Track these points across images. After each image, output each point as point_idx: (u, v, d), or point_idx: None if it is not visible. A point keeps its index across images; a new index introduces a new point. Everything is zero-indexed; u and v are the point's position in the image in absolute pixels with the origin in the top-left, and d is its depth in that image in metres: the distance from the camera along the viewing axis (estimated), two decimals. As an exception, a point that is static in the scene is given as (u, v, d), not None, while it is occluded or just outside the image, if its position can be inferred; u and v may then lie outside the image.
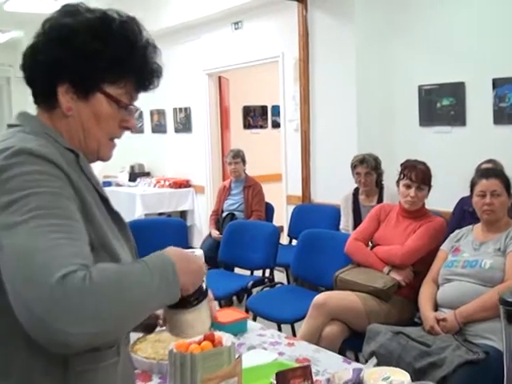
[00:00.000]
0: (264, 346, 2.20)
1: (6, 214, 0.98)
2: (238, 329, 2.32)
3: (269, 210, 5.66)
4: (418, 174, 3.33)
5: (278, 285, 4.30)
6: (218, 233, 5.35)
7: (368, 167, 4.46)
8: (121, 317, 0.99)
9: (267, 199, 5.85)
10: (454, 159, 4.67)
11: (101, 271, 0.96)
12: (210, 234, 5.59)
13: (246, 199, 5.56)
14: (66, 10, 1.19)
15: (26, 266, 0.93)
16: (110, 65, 1.16)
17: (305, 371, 1.61)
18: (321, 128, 5.60)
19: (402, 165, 3.47)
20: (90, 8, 1.20)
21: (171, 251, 1.12)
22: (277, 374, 1.57)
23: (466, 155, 4.55)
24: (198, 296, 1.26)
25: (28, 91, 1.25)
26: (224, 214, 5.57)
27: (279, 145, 6.24)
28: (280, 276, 5.19)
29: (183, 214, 7.66)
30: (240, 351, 2.17)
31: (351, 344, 3.13)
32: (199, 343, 1.90)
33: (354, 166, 4.55)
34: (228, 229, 4.72)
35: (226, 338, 1.98)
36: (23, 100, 1.35)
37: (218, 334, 1.99)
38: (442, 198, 4.12)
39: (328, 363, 2.01)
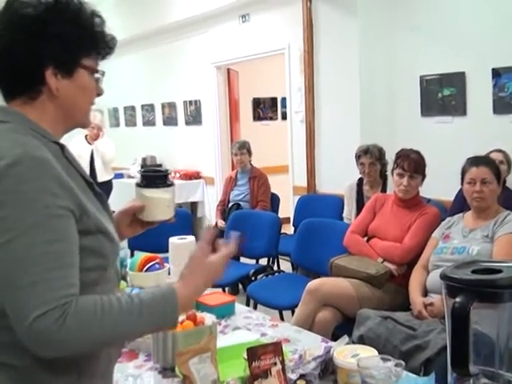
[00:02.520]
0: (248, 328, 2.30)
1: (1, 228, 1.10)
2: (225, 311, 2.41)
3: (274, 201, 5.75)
4: (410, 163, 3.39)
5: (279, 273, 4.39)
6: (223, 222, 5.45)
7: (372, 157, 4.51)
8: (93, 346, 1.18)
9: (276, 190, 5.94)
10: (455, 149, 4.70)
11: (78, 312, 1.10)
12: (216, 224, 5.69)
13: (252, 190, 5.65)
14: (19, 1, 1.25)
15: (10, 297, 1.09)
16: (84, 41, 1.28)
17: (275, 348, 1.70)
18: (325, 119, 5.67)
19: (396, 154, 3.53)
20: None
21: (181, 286, 1.29)
22: (247, 350, 1.66)
23: (466, 145, 4.57)
24: (162, 181, 1.60)
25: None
26: (230, 205, 5.67)
27: (286, 136, 6.32)
28: (287, 265, 5.28)
29: (194, 205, 7.78)
30: (225, 332, 2.27)
31: (344, 329, 3.20)
32: (181, 323, 2.00)
33: (358, 157, 4.60)
34: (232, 218, 4.82)
35: (208, 318, 2.08)
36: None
37: (200, 314, 2.09)
38: (444, 187, 4.18)
39: (307, 343, 2.10)
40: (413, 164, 3.40)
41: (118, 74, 9.47)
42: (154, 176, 1.62)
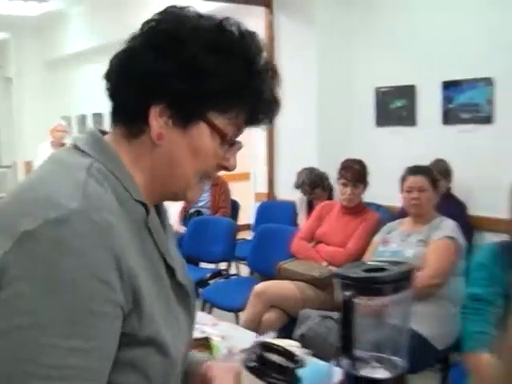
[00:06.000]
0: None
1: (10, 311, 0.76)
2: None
3: (234, 207, 5.90)
4: (353, 174, 3.59)
5: (234, 276, 4.56)
6: (184, 228, 5.58)
7: (306, 194, 4.69)
8: None
9: (239, 197, 6.09)
10: (406, 157, 4.89)
11: None
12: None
13: (213, 197, 5.79)
14: (173, 13, 0.96)
15: None
16: (224, 89, 0.92)
17: (203, 342, 1.86)
18: (285, 128, 5.84)
19: (340, 164, 3.73)
20: (202, 13, 0.97)
21: None
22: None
23: (416, 154, 4.80)
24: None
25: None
26: (192, 211, 5.81)
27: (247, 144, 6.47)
28: (246, 269, 5.43)
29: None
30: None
31: (289, 329, 3.37)
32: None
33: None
34: (191, 225, 4.98)
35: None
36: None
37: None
38: (397, 193, 4.37)
39: (241, 339, 2.25)
40: (356, 174, 3.59)
41: (86, 80, 9.59)
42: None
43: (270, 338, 2.03)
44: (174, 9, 0.96)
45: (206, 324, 2.49)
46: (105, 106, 0.99)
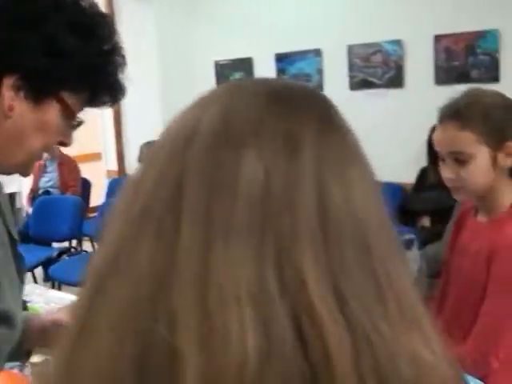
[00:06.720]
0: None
1: None
2: None
3: (86, 187, 5.88)
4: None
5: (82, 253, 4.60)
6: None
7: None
8: None
9: (91, 178, 6.06)
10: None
11: None
12: (27, 214, 5.73)
13: (62, 176, 5.73)
14: None
15: None
16: (81, 70, 0.92)
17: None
18: (130, 105, 5.88)
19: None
20: None
21: None
22: None
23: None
24: None
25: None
26: (41, 192, 5.73)
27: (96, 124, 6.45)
28: (99, 246, 5.47)
29: (12, 196, 7.62)
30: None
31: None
32: None
33: None
34: (37, 205, 4.94)
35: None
36: None
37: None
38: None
39: (64, 303, 2.35)
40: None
41: None
42: None
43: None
44: None
45: (34, 293, 2.56)
46: None
